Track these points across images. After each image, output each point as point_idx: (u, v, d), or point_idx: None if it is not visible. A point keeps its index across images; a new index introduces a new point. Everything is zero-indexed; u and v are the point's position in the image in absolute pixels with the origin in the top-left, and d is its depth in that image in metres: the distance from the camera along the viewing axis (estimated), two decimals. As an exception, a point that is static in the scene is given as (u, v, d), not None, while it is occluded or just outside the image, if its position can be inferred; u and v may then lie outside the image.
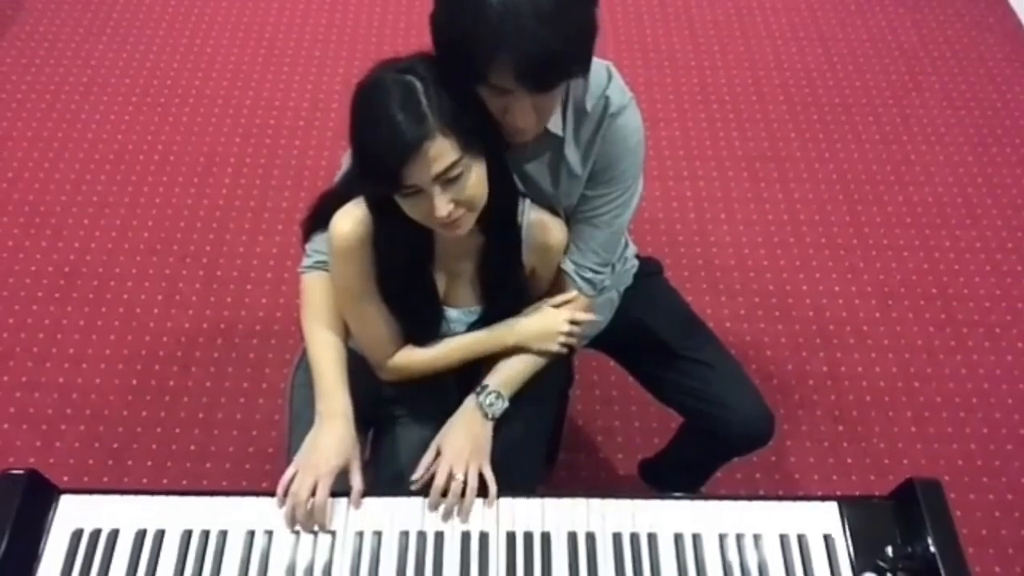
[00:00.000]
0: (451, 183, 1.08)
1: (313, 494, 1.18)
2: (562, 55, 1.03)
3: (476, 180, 1.10)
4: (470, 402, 1.31)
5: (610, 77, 1.25)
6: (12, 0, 3.05)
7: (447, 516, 1.20)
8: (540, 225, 1.28)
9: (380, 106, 1.05)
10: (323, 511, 1.18)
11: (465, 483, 1.21)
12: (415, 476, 1.25)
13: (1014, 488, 2.06)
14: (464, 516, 1.20)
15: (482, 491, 1.22)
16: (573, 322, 1.35)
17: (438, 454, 1.27)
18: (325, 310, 1.33)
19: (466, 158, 1.07)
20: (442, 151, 1.05)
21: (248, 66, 2.92)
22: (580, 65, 1.10)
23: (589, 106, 1.23)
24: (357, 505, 1.21)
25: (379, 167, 1.07)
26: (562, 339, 1.34)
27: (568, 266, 1.34)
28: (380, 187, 1.13)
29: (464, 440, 1.26)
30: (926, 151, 2.79)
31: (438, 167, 1.05)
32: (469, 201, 1.11)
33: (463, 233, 1.16)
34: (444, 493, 1.21)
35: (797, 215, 2.59)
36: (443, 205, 1.08)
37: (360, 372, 1.36)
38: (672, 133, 2.79)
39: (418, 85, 1.05)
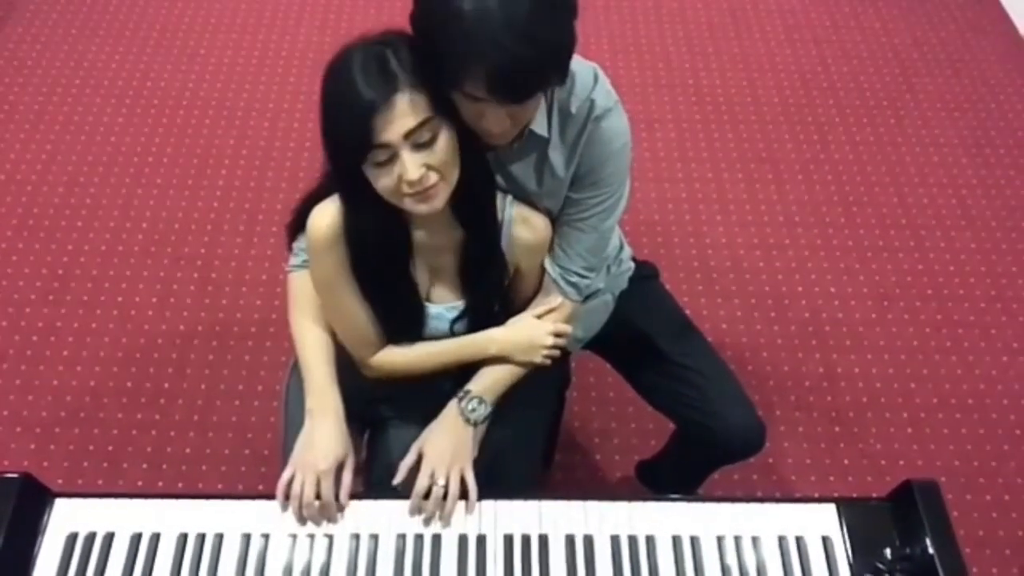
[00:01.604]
0: (422, 147, 1.07)
1: (318, 495, 1.18)
2: (535, 67, 1.03)
3: (447, 145, 1.09)
4: (452, 407, 1.30)
5: (596, 80, 1.24)
6: (4, 1, 3.03)
7: (427, 520, 1.19)
8: (522, 220, 1.27)
9: (349, 72, 1.05)
10: (332, 508, 1.18)
11: (447, 488, 1.21)
12: (396, 480, 1.25)
13: (1011, 488, 2.07)
14: (445, 520, 1.20)
15: (464, 495, 1.22)
16: (557, 335, 1.34)
17: (419, 458, 1.26)
18: (313, 308, 1.33)
19: (436, 120, 1.07)
20: (413, 106, 1.04)
21: (242, 68, 2.91)
22: (555, 76, 1.09)
23: (574, 108, 1.22)
24: (346, 502, 1.20)
25: (350, 127, 1.06)
26: (545, 352, 1.34)
27: (553, 270, 1.33)
28: (351, 152, 1.09)
29: (446, 444, 1.26)
30: (920, 153, 2.80)
31: (408, 123, 1.04)
32: (441, 167, 1.09)
33: (437, 208, 1.13)
34: (425, 496, 1.21)
35: (792, 217, 2.60)
36: (414, 167, 1.06)
37: (352, 371, 1.35)
38: (667, 135, 2.80)
39: (386, 49, 1.06)
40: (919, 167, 2.76)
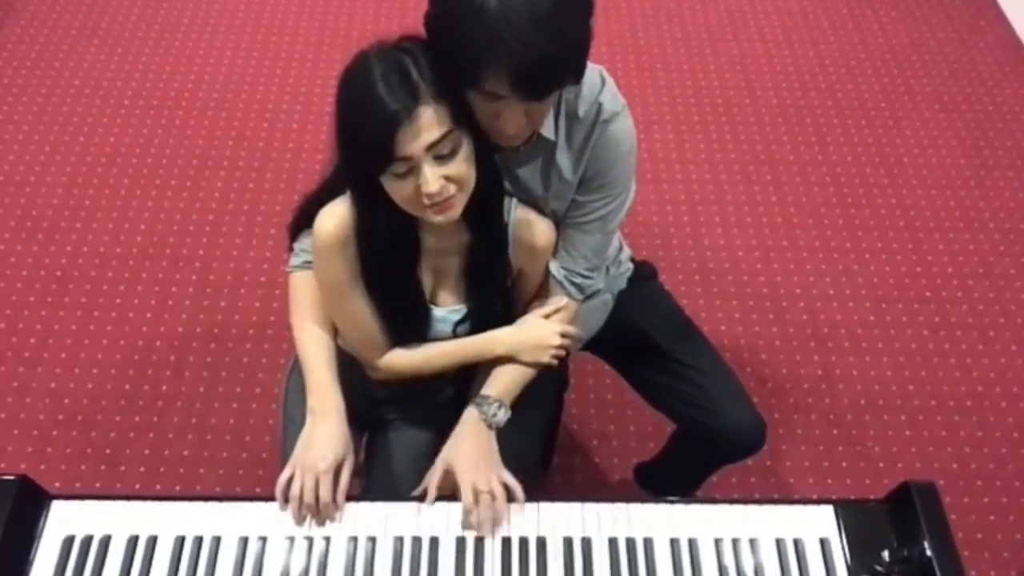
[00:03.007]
0: (443, 159, 1.07)
1: (316, 496, 1.18)
2: (557, 64, 1.03)
3: (467, 156, 1.09)
4: (472, 414, 1.29)
5: (603, 83, 1.24)
6: (3, 2, 3.03)
7: (483, 531, 1.18)
8: (526, 224, 1.27)
9: (369, 81, 1.03)
10: (331, 508, 1.18)
11: (493, 494, 1.20)
12: (428, 501, 1.22)
13: (1009, 491, 2.07)
14: (499, 525, 1.19)
15: (509, 497, 1.22)
16: (563, 335, 1.34)
17: (446, 472, 1.24)
18: (313, 308, 1.33)
19: (457, 132, 1.06)
20: (435, 119, 1.04)
21: (241, 69, 2.91)
22: (575, 74, 1.10)
23: (581, 111, 1.22)
24: (342, 503, 1.20)
25: (371, 139, 1.04)
26: (553, 352, 1.34)
27: (558, 271, 1.33)
28: (371, 163, 1.08)
29: (475, 453, 1.25)
30: (918, 154, 2.80)
31: (431, 136, 1.04)
32: (460, 179, 1.09)
33: (453, 217, 1.13)
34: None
35: (790, 218, 2.60)
36: (434, 180, 1.06)
37: (352, 373, 1.35)
38: (665, 136, 2.80)
39: (407, 58, 1.05)
40: (917, 168, 2.76)
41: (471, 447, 1.26)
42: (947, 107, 2.95)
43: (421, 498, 1.23)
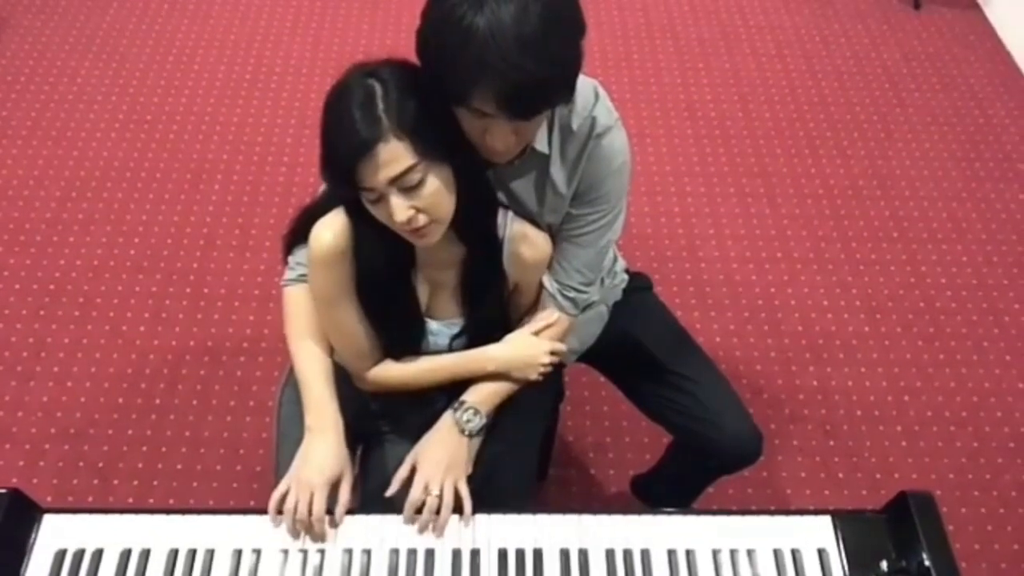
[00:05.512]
0: (409, 190, 1.07)
1: (311, 510, 1.17)
2: (545, 84, 1.03)
3: (436, 188, 1.09)
4: (447, 418, 1.30)
5: (597, 97, 1.24)
6: (-2, 17, 3.04)
7: (421, 531, 1.19)
8: (523, 238, 1.27)
9: (341, 107, 1.06)
10: (324, 524, 1.18)
11: (441, 499, 1.20)
12: (389, 491, 1.24)
13: (1006, 501, 2.07)
14: (439, 532, 1.19)
15: (458, 508, 1.21)
16: (553, 352, 1.34)
17: (414, 469, 1.26)
18: (310, 324, 1.32)
19: (423, 164, 1.06)
20: (395, 155, 1.04)
21: (235, 83, 2.91)
22: (563, 93, 1.10)
23: (575, 125, 1.23)
24: (341, 518, 1.19)
25: (335, 167, 1.09)
26: (541, 369, 1.34)
27: (551, 285, 1.33)
28: (338, 188, 1.13)
29: (440, 455, 1.26)
30: (910, 166, 2.82)
31: (391, 171, 1.05)
32: (430, 209, 1.10)
33: (431, 243, 1.15)
34: (419, 509, 1.20)
35: (784, 230, 2.61)
36: (401, 211, 1.07)
37: (347, 385, 1.35)
38: (659, 149, 2.81)
39: (378, 88, 1.05)
40: (910, 180, 2.77)
41: (438, 448, 1.27)
42: (938, 120, 2.98)
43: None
